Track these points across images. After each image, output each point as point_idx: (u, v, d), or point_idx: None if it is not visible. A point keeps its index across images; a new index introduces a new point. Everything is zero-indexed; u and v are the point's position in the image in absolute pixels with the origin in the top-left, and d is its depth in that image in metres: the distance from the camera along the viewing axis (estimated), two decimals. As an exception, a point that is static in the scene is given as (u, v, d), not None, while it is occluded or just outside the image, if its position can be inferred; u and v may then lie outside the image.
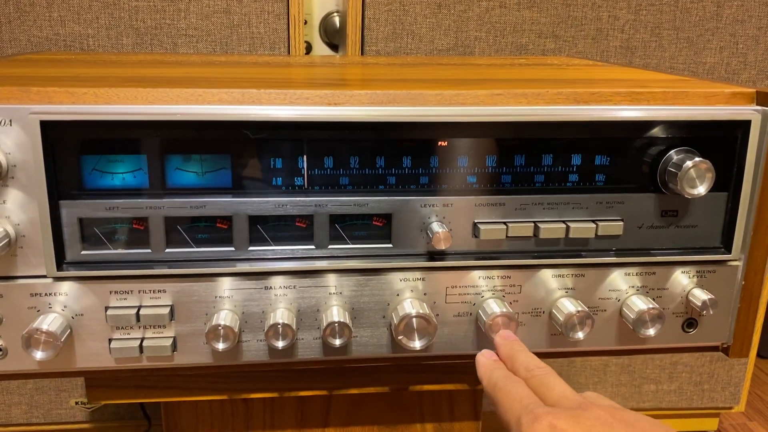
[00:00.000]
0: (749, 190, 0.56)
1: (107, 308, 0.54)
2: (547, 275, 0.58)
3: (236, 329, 0.54)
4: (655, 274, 0.59)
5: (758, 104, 0.56)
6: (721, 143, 0.56)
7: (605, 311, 0.59)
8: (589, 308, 0.57)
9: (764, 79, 1.25)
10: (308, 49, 1.21)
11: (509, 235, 0.56)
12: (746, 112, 0.55)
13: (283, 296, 0.56)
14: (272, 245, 0.55)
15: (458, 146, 0.54)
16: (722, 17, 1.20)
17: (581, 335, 0.57)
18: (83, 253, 0.53)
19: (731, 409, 1.51)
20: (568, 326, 0.56)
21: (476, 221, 0.56)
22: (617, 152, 0.56)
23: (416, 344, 0.55)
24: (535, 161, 0.55)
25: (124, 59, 0.83)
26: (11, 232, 0.51)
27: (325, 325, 0.54)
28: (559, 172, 0.56)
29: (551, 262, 0.57)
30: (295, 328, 0.54)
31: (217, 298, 0.55)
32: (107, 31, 1.09)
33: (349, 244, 0.56)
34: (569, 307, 0.57)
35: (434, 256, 0.56)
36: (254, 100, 0.52)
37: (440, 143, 0.54)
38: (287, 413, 0.74)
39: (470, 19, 1.15)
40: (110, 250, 0.53)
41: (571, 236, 0.56)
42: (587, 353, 0.62)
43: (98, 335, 0.54)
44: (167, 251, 0.54)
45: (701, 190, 0.54)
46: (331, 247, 0.55)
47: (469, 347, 0.59)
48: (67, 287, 0.53)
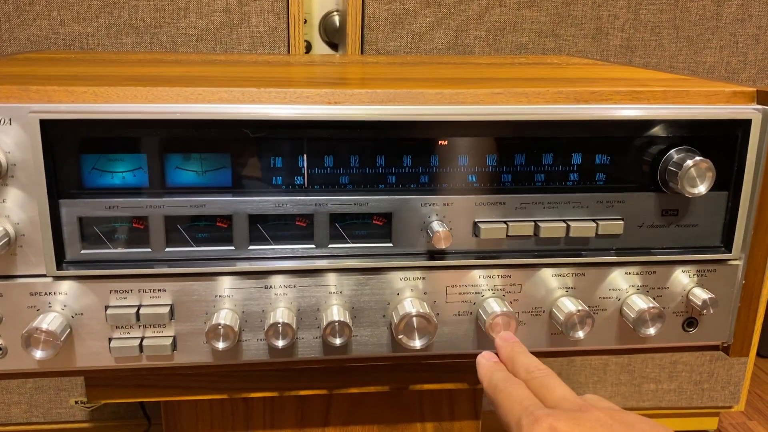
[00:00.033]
0: (750, 189, 0.56)
1: (107, 307, 0.54)
2: (547, 274, 0.58)
3: (236, 328, 0.54)
4: (655, 273, 0.59)
5: (759, 103, 0.56)
6: (721, 142, 0.56)
7: (605, 310, 0.59)
8: (589, 307, 0.57)
9: (764, 78, 1.25)
10: (308, 48, 1.21)
11: (509, 234, 0.56)
12: (747, 111, 0.55)
13: (283, 295, 0.56)
14: (272, 244, 0.55)
15: (458, 145, 0.54)
16: (722, 16, 1.20)
17: (581, 334, 0.57)
18: (83, 252, 0.53)
19: (731, 408, 1.51)
20: (568, 325, 0.56)
21: (476, 220, 0.56)
22: (617, 151, 0.56)
23: (416, 343, 0.55)
24: (535, 160, 0.55)
25: (123, 58, 0.83)
26: (11, 231, 0.51)
27: (325, 324, 0.54)
28: (559, 171, 0.56)
29: (551, 261, 0.57)
30: (295, 327, 0.54)
31: (217, 297, 0.55)
32: (107, 30, 1.09)
33: (349, 243, 0.56)
34: (569, 306, 0.57)
35: (434, 255, 0.56)
36: (254, 99, 0.52)
37: (440, 142, 0.54)
38: (287, 412, 0.74)
39: (470, 18, 1.15)
40: (110, 249, 0.53)
41: (571, 235, 0.56)
42: (587, 352, 0.62)
43: (98, 334, 0.54)
44: (167, 250, 0.54)
45: (702, 189, 0.54)
46: (331, 246, 0.55)
47: (469, 346, 0.59)
48: (66, 286, 0.53)
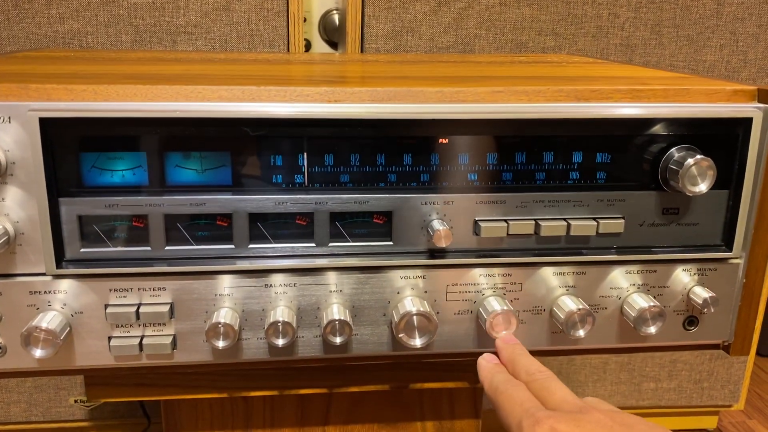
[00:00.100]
0: (750, 187, 0.56)
1: (107, 306, 0.54)
2: (547, 273, 0.58)
3: (236, 327, 0.53)
4: (656, 271, 0.59)
5: (759, 102, 0.56)
6: (722, 141, 0.56)
7: (606, 309, 0.59)
8: (589, 306, 0.57)
9: (764, 76, 1.25)
10: (307, 46, 1.21)
11: (510, 232, 0.56)
12: (748, 109, 0.55)
13: (283, 294, 0.55)
14: (272, 243, 0.55)
15: (459, 143, 0.54)
16: (722, 15, 1.20)
17: (582, 333, 0.56)
18: (83, 250, 0.53)
19: (731, 407, 1.51)
20: (568, 324, 0.56)
21: (477, 219, 0.56)
22: (618, 150, 0.56)
23: (417, 342, 0.55)
24: (535, 159, 0.55)
25: (123, 56, 0.82)
26: (10, 229, 0.51)
27: (325, 323, 0.54)
28: (560, 169, 0.56)
29: (552, 259, 0.57)
30: (295, 325, 0.54)
31: (217, 295, 0.55)
32: (106, 28, 1.09)
33: (349, 241, 0.56)
34: (570, 305, 0.57)
35: (435, 253, 0.56)
36: (254, 97, 0.51)
37: (441, 140, 0.54)
38: (287, 411, 0.74)
39: (470, 16, 1.15)
40: (110, 247, 0.53)
41: (572, 234, 0.56)
42: (588, 351, 0.62)
43: (98, 333, 0.54)
44: (167, 249, 0.54)
45: (702, 187, 0.54)
46: (331, 244, 0.55)
47: (469, 345, 0.59)
48: (66, 285, 0.53)
